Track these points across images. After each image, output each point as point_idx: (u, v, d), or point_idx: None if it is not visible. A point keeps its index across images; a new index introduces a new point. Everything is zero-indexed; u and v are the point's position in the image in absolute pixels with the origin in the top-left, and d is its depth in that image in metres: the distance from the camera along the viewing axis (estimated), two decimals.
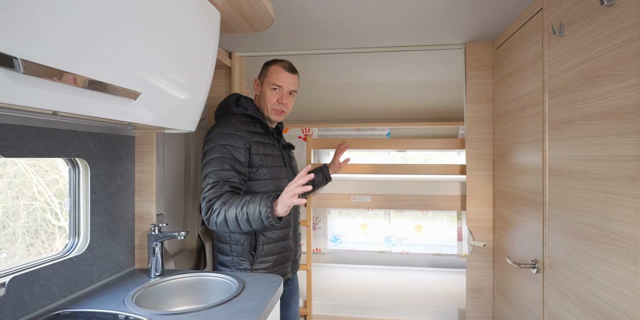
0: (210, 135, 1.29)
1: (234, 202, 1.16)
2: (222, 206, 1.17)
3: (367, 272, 2.46)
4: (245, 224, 1.14)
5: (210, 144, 1.27)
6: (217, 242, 1.37)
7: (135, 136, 1.29)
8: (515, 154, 1.44)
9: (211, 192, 1.20)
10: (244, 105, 1.40)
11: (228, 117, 1.35)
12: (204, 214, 1.20)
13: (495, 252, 1.69)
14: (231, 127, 1.28)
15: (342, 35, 1.67)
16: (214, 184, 1.21)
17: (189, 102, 1.09)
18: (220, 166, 1.23)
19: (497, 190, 1.66)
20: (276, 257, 1.36)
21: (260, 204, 1.11)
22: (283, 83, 1.39)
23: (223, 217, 1.15)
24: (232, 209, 1.15)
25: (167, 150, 1.57)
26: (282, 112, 1.42)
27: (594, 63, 0.93)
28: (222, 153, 1.24)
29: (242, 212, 1.13)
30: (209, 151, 1.26)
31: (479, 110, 1.73)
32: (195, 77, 1.08)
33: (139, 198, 1.29)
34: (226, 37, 1.71)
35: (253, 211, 1.11)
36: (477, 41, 1.72)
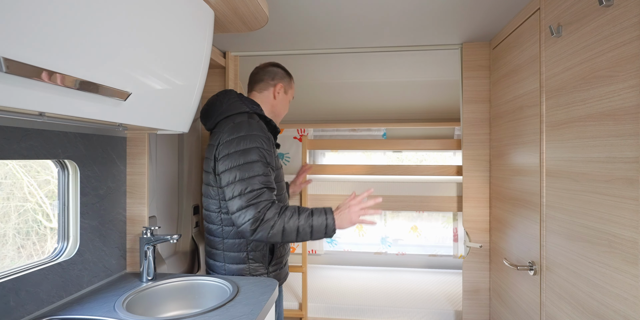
0: (234, 137, 1.16)
1: (292, 212, 1.12)
2: (278, 217, 1.10)
3: (363, 273, 2.45)
4: (305, 235, 1.12)
5: (237, 145, 1.15)
6: (228, 252, 1.26)
7: (127, 137, 1.26)
8: (512, 155, 1.44)
9: (258, 202, 1.10)
10: (252, 105, 1.30)
11: (243, 116, 1.23)
12: (251, 224, 1.09)
13: (492, 253, 1.68)
14: (257, 129, 1.19)
15: (338, 35, 1.65)
16: (259, 191, 1.12)
17: (181, 103, 1.06)
18: (258, 171, 1.13)
19: (494, 191, 1.65)
20: (284, 257, 1.38)
21: (327, 217, 1.12)
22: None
23: (281, 228, 1.09)
24: (294, 220, 1.10)
25: (160, 151, 1.54)
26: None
27: (593, 64, 0.92)
28: (260, 157, 1.15)
29: (305, 224, 1.10)
30: (238, 154, 1.14)
31: (476, 110, 1.72)
32: (188, 77, 1.06)
33: (130, 200, 1.26)
34: (220, 36, 1.68)
35: (319, 224, 1.11)
36: (474, 41, 1.71)
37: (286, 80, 1.43)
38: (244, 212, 1.10)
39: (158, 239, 1.14)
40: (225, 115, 1.26)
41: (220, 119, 1.28)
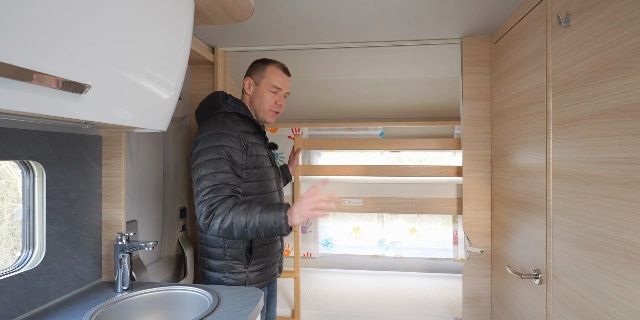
0: (203, 135, 1.19)
1: (242, 208, 1.11)
2: (228, 212, 1.10)
3: (360, 277, 2.36)
4: (254, 232, 1.10)
5: (204, 143, 1.17)
6: (207, 246, 1.28)
7: (103, 136, 1.18)
8: (515, 155, 1.35)
9: (212, 196, 1.12)
10: (234, 104, 1.32)
11: (219, 115, 1.26)
12: (204, 219, 1.11)
13: (494, 258, 1.59)
14: (227, 127, 1.20)
15: (331, 29, 1.57)
16: (214, 187, 1.13)
17: (156, 99, 0.98)
18: (218, 168, 1.14)
19: (495, 193, 1.57)
20: (267, 257, 1.32)
21: (276, 214, 1.09)
22: (283, 86, 1.37)
23: (229, 224, 1.09)
24: (242, 215, 1.09)
25: (142, 151, 1.45)
26: (277, 114, 1.40)
27: (606, 55, 0.84)
28: (219, 154, 1.15)
29: (253, 220, 1.09)
30: (203, 152, 1.16)
31: (476, 108, 1.63)
32: (163, 71, 0.97)
33: (106, 204, 1.18)
34: (208, 31, 1.60)
35: (267, 220, 1.09)
36: (474, 35, 1.63)
37: (255, 72, 1.37)
38: (200, 207, 1.12)
39: (132, 246, 1.05)
40: (208, 115, 1.30)
41: (205, 118, 1.31)
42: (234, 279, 1.24)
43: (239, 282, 1.25)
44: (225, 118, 1.24)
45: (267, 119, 1.38)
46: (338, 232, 2.61)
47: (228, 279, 1.24)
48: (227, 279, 1.24)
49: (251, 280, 1.27)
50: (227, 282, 1.24)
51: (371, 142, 2.02)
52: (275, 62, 1.38)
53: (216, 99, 1.33)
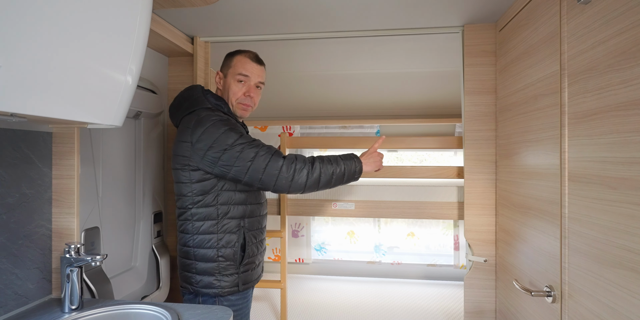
0: (206, 126, 1.12)
1: (320, 158, 1.17)
2: (309, 164, 1.14)
3: (354, 285, 2.21)
4: (339, 178, 1.17)
5: (213, 133, 1.11)
6: (195, 248, 1.19)
7: (53, 132, 1.04)
8: (524, 154, 1.20)
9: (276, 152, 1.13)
10: (215, 101, 1.24)
11: (204, 111, 1.18)
12: (286, 172, 1.11)
13: (498, 269, 1.44)
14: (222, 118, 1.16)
15: (321, 16, 1.42)
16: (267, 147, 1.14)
17: (104, 87, 0.83)
18: (251, 139, 1.14)
19: (500, 196, 1.42)
20: (256, 256, 1.27)
21: (355, 160, 1.21)
22: (250, 73, 1.26)
23: (318, 174, 1.13)
24: (327, 164, 1.15)
25: (107, 150, 1.31)
26: (249, 107, 1.28)
27: (637, 32, 0.69)
28: (237, 133, 1.12)
29: (339, 167, 1.16)
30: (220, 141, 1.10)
31: (479, 103, 1.48)
32: (111, 57, 0.83)
33: (57, 210, 1.04)
34: (186, 19, 1.46)
35: (350, 167, 1.19)
36: (477, 23, 1.48)
37: (224, 64, 1.31)
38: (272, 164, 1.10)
39: (79, 260, 0.91)
40: (189, 111, 1.21)
41: (184, 115, 1.22)
42: (226, 282, 1.17)
43: (232, 284, 1.18)
44: (211, 112, 1.18)
45: (237, 113, 1.27)
46: (332, 237, 2.46)
47: (220, 281, 1.17)
48: (219, 282, 1.17)
49: (244, 281, 1.21)
50: (219, 285, 1.17)
51: (367, 140, 1.87)
52: (245, 51, 1.29)
53: (194, 93, 1.24)
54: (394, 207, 1.71)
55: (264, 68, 1.30)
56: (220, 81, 1.30)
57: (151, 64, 1.56)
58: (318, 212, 1.81)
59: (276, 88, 2.14)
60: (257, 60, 1.28)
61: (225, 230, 1.17)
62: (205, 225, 1.17)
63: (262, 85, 1.30)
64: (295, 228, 2.43)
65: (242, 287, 1.20)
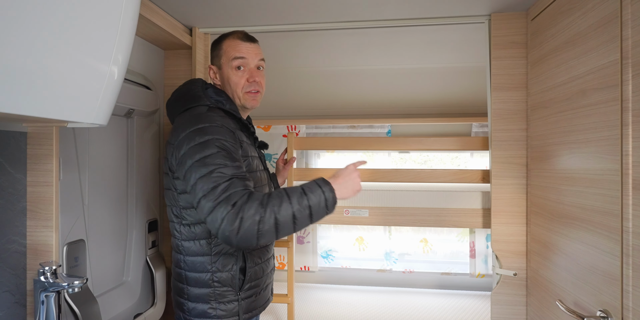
0: (187, 132, 0.94)
1: (278, 197, 0.85)
2: (263, 208, 0.83)
3: (363, 295, 2.07)
4: (304, 220, 0.87)
5: (190, 141, 0.92)
6: (187, 271, 1.03)
7: (28, 132, 0.89)
8: (566, 157, 1.06)
9: (228, 195, 0.84)
10: (216, 97, 1.08)
11: (201, 109, 1.02)
12: (229, 224, 0.82)
13: (530, 284, 1.30)
14: (217, 122, 0.97)
15: (331, 4, 1.28)
16: (226, 183, 0.85)
17: (83, 83, 0.69)
18: (221, 163, 0.88)
19: (533, 204, 1.28)
20: (261, 279, 1.09)
21: (323, 190, 0.88)
22: (245, 53, 1.07)
23: (271, 224, 0.83)
24: (285, 206, 0.84)
25: (94, 152, 1.17)
26: (257, 93, 1.10)
27: None
28: (214, 148, 0.90)
29: (301, 208, 0.85)
30: (192, 151, 0.90)
31: (508, 100, 1.34)
32: (91, 43, 0.69)
33: (32, 222, 0.89)
34: (184, 9, 1.32)
35: (317, 202, 0.87)
36: (505, 11, 1.34)
37: (213, 55, 1.13)
38: (215, 213, 0.82)
39: (55, 286, 0.77)
40: (185, 108, 1.05)
41: (180, 113, 1.06)
42: (223, 310, 1.00)
43: (230, 313, 1.01)
44: (209, 112, 1.00)
45: (247, 104, 1.10)
46: (339, 243, 2.32)
47: (216, 310, 1.00)
48: (214, 311, 1.00)
49: (246, 309, 1.04)
50: (216, 314, 1.00)
51: (377, 141, 1.73)
52: (231, 33, 1.11)
53: (194, 88, 1.08)
54: (412, 214, 1.57)
55: (258, 45, 1.12)
56: (216, 75, 1.12)
57: (145, 57, 1.42)
58: (328, 220, 1.67)
59: (281, 84, 2.00)
60: (248, 38, 1.10)
61: (220, 252, 1.00)
62: (196, 246, 1.00)
63: (263, 63, 1.11)
64: (300, 234, 2.29)
65: (243, 317, 1.03)
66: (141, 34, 1.35)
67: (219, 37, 1.13)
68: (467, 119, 1.88)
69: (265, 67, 1.14)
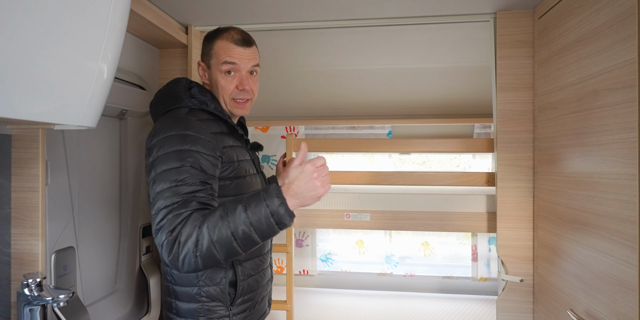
0: (159, 139, 0.86)
1: (217, 215, 0.76)
2: (199, 229, 0.75)
3: (364, 299, 2.03)
4: (248, 241, 0.76)
5: (160, 149, 0.85)
6: (174, 285, 0.96)
7: (12, 135, 0.84)
8: (576, 160, 1.02)
9: (171, 218, 0.77)
10: (200, 97, 1.00)
11: (181, 111, 0.93)
12: (168, 253, 0.76)
13: (537, 290, 1.26)
14: (193, 128, 0.87)
15: (330, 2, 1.24)
16: (174, 205, 0.78)
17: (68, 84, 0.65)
18: (180, 180, 0.81)
19: (541, 208, 1.24)
20: (255, 292, 1.02)
21: (267, 203, 0.75)
22: (238, 59, 0.98)
23: (208, 246, 0.74)
24: (222, 225, 0.75)
25: (85, 155, 1.12)
26: (247, 102, 1.02)
27: None
28: (181, 161, 0.82)
29: (241, 225, 0.75)
30: (160, 160, 0.84)
31: (514, 101, 1.30)
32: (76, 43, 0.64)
33: (17, 230, 0.84)
34: (180, 6, 1.27)
35: (260, 218, 0.75)
36: (511, 9, 1.30)
37: (204, 52, 1.03)
38: (157, 239, 0.78)
39: (38, 299, 0.72)
40: (166, 110, 0.97)
41: (161, 115, 0.98)
42: None
43: None
44: (188, 115, 0.91)
45: (234, 111, 1.02)
46: (339, 246, 2.28)
47: None
48: None
49: None
50: None
51: (378, 143, 1.69)
52: (227, 31, 1.00)
53: (176, 88, 1.00)
54: (414, 218, 1.53)
55: (255, 48, 1.02)
56: (205, 73, 1.04)
57: (139, 55, 1.37)
58: (329, 224, 1.63)
59: (279, 84, 1.96)
60: (244, 42, 0.99)
61: None
62: None
63: (257, 68, 1.02)
64: (299, 237, 2.25)
65: None
66: (135, 32, 1.30)
67: (213, 32, 1.03)
68: (470, 120, 1.84)
69: (264, 66, 1.08)
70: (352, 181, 1.60)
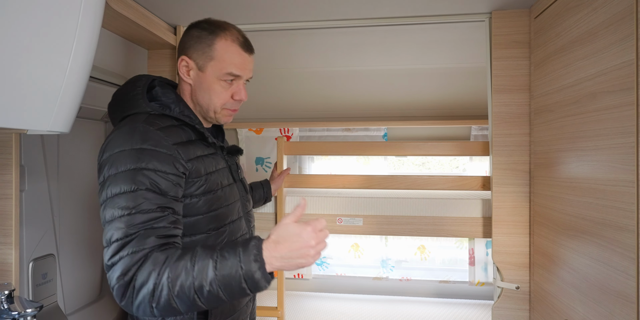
0: (110, 154, 0.75)
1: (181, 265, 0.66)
2: (156, 278, 0.65)
3: (359, 304, 2.00)
4: (213, 298, 0.66)
5: (110, 168, 0.74)
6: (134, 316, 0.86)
7: None
8: (573, 165, 0.99)
9: (125, 256, 0.67)
10: (162, 99, 0.86)
11: (136, 118, 0.79)
12: (120, 298, 0.67)
13: (534, 297, 1.23)
14: (149, 140, 0.75)
15: (323, 2, 1.21)
16: (127, 239, 0.68)
17: (33, 82, 0.61)
18: (133, 207, 0.70)
19: (537, 213, 1.20)
20: (234, 316, 0.89)
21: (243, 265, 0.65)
22: (242, 70, 0.86)
23: (167, 299, 0.65)
24: (184, 277, 0.66)
25: (67, 160, 1.09)
26: (236, 111, 0.92)
27: None
28: (135, 184, 0.71)
29: (207, 282, 0.65)
30: (111, 181, 0.73)
31: (510, 103, 1.27)
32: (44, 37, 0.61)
33: None
34: (168, 6, 1.24)
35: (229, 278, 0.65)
36: (507, 9, 1.27)
37: (197, 48, 0.85)
38: (109, 277, 0.68)
39: (5, 313, 0.68)
40: (122, 116, 0.84)
41: (118, 121, 0.85)
42: None
43: None
44: (146, 124, 0.77)
45: (220, 120, 0.91)
46: (334, 250, 2.24)
47: None
48: None
49: None
50: None
51: (373, 145, 1.65)
52: (228, 29, 0.87)
53: (133, 89, 0.85)
54: (409, 223, 1.49)
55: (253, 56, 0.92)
56: (190, 73, 0.87)
57: (126, 57, 1.34)
58: None
59: (273, 86, 1.92)
60: (249, 47, 0.89)
61: None
62: None
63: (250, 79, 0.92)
64: None
65: None
66: (121, 33, 1.27)
67: (212, 26, 0.86)
68: (466, 122, 1.81)
69: (257, 67, 1.02)
70: (345, 185, 1.57)
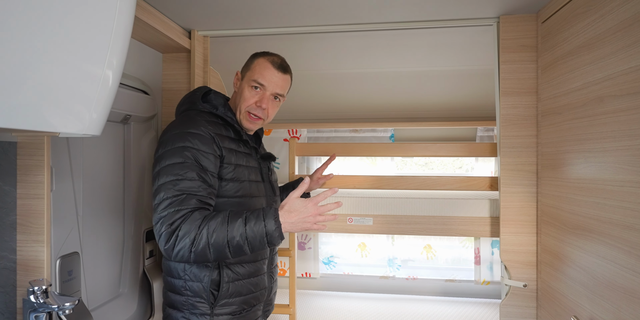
0: (167, 135, 0.97)
1: (218, 221, 0.86)
2: (198, 230, 0.85)
3: (366, 302, 2.03)
4: (238, 250, 0.87)
5: (166, 145, 0.95)
6: (167, 276, 1.05)
7: (18, 142, 0.85)
8: (581, 166, 1.02)
9: (171, 211, 0.87)
10: (213, 102, 1.10)
11: (191, 113, 1.04)
12: (165, 243, 0.86)
13: (541, 295, 1.26)
14: (195, 126, 0.97)
15: (335, 7, 1.24)
16: (175, 198, 0.88)
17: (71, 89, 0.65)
18: (181, 174, 0.90)
19: (544, 213, 1.23)
20: (244, 298, 1.04)
21: (266, 224, 0.86)
22: (267, 81, 1.06)
23: (204, 245, 0.85)
24: (220, 231, 0.85)
25: (89, 161, 1.12)
26: (258, 119, 1.08)
27: None
28: (183, 157, 0.92)
29: (237, 235, 0.85)
30: (165, 155, 0.94)
31: (518, 105, 1.30)
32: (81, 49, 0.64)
33: (22, 237, 0.85)
34: (183, 11, 1.28)
35: (255, 233, 0.86)
36: (515, 14, 1.30)
37: (245, 64, 1.12)
38: (158, 228, 0.87)
39: (44, 306, 0.72)
40: (181, 112, 1.09)
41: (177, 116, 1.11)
42: None
43: None
44: (195, 116, 1.02)
45: (242, 122, 1.08)
46: (341, 249, 2.28)
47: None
48: None
49: None
50: None
51: (380, 147, 1.69)
52: (271, 54, 1.10)
53: (194, 94, 1.10)
54: (417, 223, 1.52)
55: (288, 77, 1.11)
56: (237, 83, 1.13)
57: (142, 60, 1.37)
58: (331, 228, 1.62)
59: None
60: (281, 67, 1.08)
61: None
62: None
63: (282, 98, 1.11)
64: (301, 240, 2.25)
65: None
66: (138, 37, 1.31)
67: (262, 52, 1.11)
68: (473, 123, 1.84)
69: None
70: (355, 185, 1.60)
